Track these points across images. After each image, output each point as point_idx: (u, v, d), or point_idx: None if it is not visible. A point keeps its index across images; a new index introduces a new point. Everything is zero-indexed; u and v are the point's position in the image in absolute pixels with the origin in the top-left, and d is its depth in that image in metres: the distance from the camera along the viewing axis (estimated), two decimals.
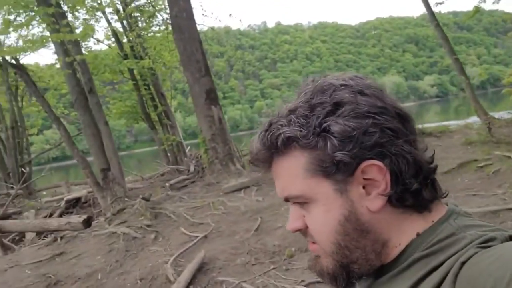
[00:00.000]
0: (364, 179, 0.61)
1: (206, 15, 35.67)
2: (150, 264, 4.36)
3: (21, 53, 11.65)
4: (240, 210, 5.95)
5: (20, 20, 10.07)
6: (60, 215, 8.12)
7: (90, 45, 14.65)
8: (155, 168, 14.36)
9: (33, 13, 8.64)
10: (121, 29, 13.84)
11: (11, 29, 9.19)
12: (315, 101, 0.63)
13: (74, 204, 8.85)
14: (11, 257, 5.51)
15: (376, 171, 0.61)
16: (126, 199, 7.50)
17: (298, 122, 0.62)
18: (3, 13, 10.98)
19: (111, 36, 14.16)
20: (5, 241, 6.75)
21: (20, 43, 12.18)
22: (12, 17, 10.61)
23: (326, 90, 0.64)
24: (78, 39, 8.64)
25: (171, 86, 16.88)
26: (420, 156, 0.63)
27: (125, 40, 13.83)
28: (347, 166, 0.61)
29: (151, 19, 13.66)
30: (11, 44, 13.70)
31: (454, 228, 0.60)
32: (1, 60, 13.46)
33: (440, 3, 11.27)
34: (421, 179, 0.62)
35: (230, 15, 13.79)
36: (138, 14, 13.58)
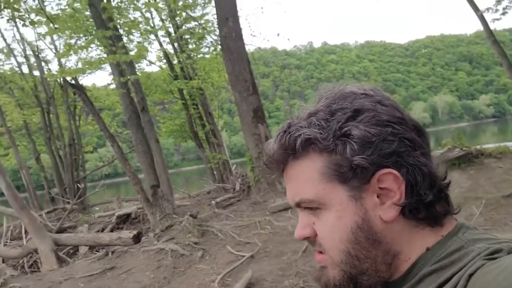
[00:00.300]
0: (380, 188, 0.61)
1: (254, 35, 36.48)
2: (198, 282, 4.33)
3: (80, 74, 12.33)
4: (287, 230, 5.83)
5: (80, 43, 10.70)
6: (112, 230, 8.36)
7: (143, 66, 15.34)
8: (201, 186, 14.55)
9: (92, 36, 9.14)
10: (172, 51, 14.35)
11: (71, 52, 9.79)
12: (336, 106, 0.63)
13: (125, 220, 9.09)
14: (66, 270, 5.71)
15: (391, 180, 0.61)
16: (174, 216, 7.59)
17: (318, 124, 0.62)
18: (65, 37, 11.77)
19: (162, 58, 14.71)
20: (61, 254, 7.02)
21: (80, 65, 12.97)
22: (73, 41, 11.35)
23: (347, 97, 0.64)
24: (133, 60, 9.02)
25: (218, 106, 17.23)
26: (434, 169, 0.63)
27: (175, 61, 14.32)
28: (364, 172, 0.61)
29: (200, 41, 14.07)
30: (71, 66, 14.59)
31: (463, 242, 0.60)
32: (62, 81, 14.40)
33: (497, 19, 10.77)
34: (435, 192, 0.62)
35: (278, 34, 13.95)
36: (188, 36, 14.05)
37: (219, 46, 10.69)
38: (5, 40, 15.68)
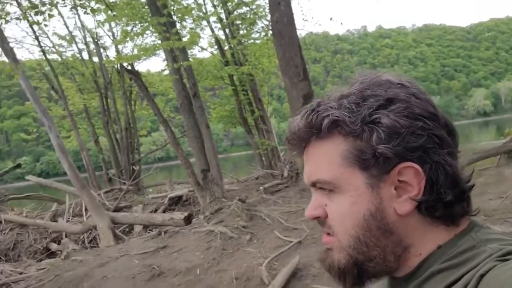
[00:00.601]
0: (399, 180, 0.61)
1: (306, 20, 35.88)
2: (245, 264, 4.41)
3: (136, 60, 12.79)
4: None
5: (136, 30, 11.07)
6: (164, 211, 8.69)
7: (195, 52, 15.59)
8: (250, 172, 14.72)
9: (147, 23, 9.42)
10: (223, 37, 14.47)
11: (128, 38, 10.16)
12: (370, 92, 0.62)
13: (176, 202, 9.41)
14: (122, 247, 6.04)
15: (412, 174, 0.60)
16: (223, 199, 7.75)
17: (349, 107, 0.61)
18: (122, 24, 12.21)
19: (214, 44, 14.88)
20: (117, 231, 7.42)
21: (135, 51, 13.44)
22: (129, 27, 11.75)
23: (383, 84, 0.63)
24: (185, 46, 9.20)
25: (267, 92, 17.21)
26: (459, 170, 0.62)
27: (226, 47, 14.43)
28: (386, 162, 0.60)
29: (252, 26, 14.06)
30: (128, 52, 15.14)
31: (475, 241, 0.59)
32: (119, 67, 15.00)
33: None
34: (456, 193, 0.61)
35: (331, 18, 13.57)
36: (239, 22, 14.08)
37: (270, 31, 10.62)
38: (67, 27, 16.51)
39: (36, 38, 14.39)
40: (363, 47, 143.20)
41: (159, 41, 9.37)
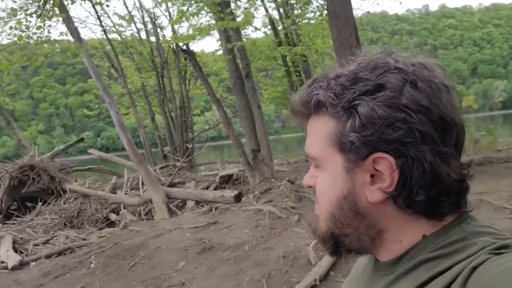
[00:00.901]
0: (374, 168, 0.60)
1: None
2: (293, 244, 4.48)
3: (191, 40, 13.01)
4: None
5: (192, 10, 11.25)
6: (215, 189, 8.94)
7: (249, 32, 15.61)
8: (300, 154, 14.66)
9: (202, 3, 9.54)
10: (277, 17, 14.33)
11: (183, 18, 10.35)
12: (362, 75, 0.60)
13: (227, 180, 9.63)
14: (175, 220, 6.33)
15: (386, 166, 0.59)
16: (273, 180, 7.84)
17: (335, 90, 0.61)
18: (178, 4, 12.45)
19: (267, 24, 14.78)
20: (171, 206, 7.76)
21: (190, 31, 13.68)
22: (185, 7, 11.96)
23: (378, 68, 0.60)
24: (239, 26, 9.24)
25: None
26: (444, 170, 0.58)
27: (280, 27, 14.30)
28: (358, 150, 0.59)
29: (306, 6, 13.80)
30: (183, 32, 15.45)
31: (466, 233, 0.59)
32: (174, 47, 15.36)
33: None
34: (434, 193, 0.58)
35: None
36: (294, 1, 13.86)
37: (325, 11, 10.37)
38: (126, 7, 17.29)
39: (98, 18, 15.09)
40: (424, 28, 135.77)
41: (214, 21, 9.48)
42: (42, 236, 7.06)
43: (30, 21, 7.78)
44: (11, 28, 8.41)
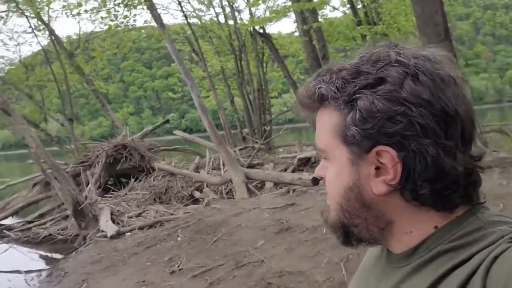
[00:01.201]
0: (379, 161, 0.60)
1: None
2: None
3: (267, 23, 13.08)
4: None
5: None
6: (293, 171, 9.04)
7: (326, 12, 15.24)
8: None
9: None
10: None
11: (260, 1, 10.44)
12: (363, 68, 0.61)
13: (305, 163, 9.66)
14: (254, 200, 6.58)
15: (388, 158, 0.59)
16: None
17: (337, 83, 0.62)
18: None
19: (346, 3, 14.33)
20: (250, 186, 8.04)
21: (267, 13, 13.75)
22: None
23: (379, 61, 0.61)
24: (315, 7, 9.11)
25: None
26: (447, 163, 0.57)
27: (359, 6, 13.77)
28: (360, 143, 0.60)
29: None
30: (260, 15, 15.55)
31: (482, 223, 0.58)
32: (252, 30, 15.55)
33: None
34: (440, 186, 0.58)
35: None
36: None
37: None
38: None
39: (179, 3, 15.70)
40: None
41: (290, 3, 9.44)
42: (135, 210, 7.76)
43: (118, 11, 8.39)
44: (102, 18, 9.14)
